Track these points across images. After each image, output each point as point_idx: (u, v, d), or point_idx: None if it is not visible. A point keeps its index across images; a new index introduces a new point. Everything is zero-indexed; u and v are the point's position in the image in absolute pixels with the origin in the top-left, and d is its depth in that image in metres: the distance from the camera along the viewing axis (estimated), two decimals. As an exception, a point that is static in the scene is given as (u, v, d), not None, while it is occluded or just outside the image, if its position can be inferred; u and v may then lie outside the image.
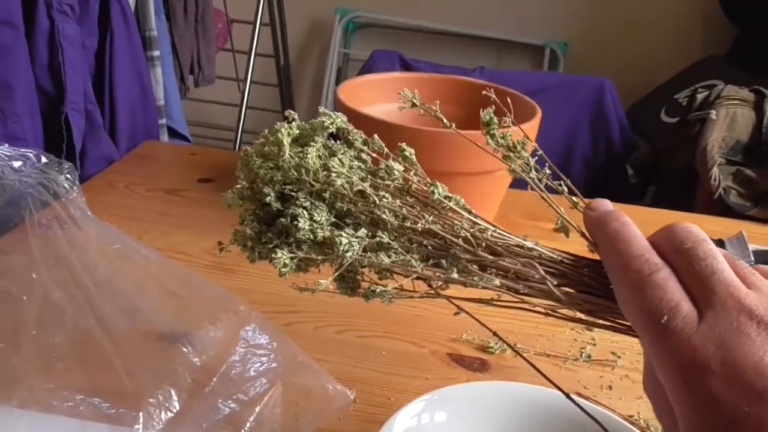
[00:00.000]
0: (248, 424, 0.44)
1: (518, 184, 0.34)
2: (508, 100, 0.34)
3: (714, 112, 1.05)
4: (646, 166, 1.51)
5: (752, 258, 0.77)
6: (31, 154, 0.52)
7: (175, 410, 0.45)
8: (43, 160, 0.53)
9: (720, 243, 0.82)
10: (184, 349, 0.48)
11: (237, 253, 0.80)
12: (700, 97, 1.12)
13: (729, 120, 1.04)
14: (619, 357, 0.62)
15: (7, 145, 0.51)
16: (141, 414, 0.43)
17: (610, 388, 0.58)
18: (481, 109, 0.34)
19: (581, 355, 0.62)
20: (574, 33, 2.26)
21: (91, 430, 0.44)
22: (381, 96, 0.82)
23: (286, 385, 0.47)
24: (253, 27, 1.88)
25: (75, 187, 0.53)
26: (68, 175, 0.53)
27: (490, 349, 0.61)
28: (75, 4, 0.88)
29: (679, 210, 0.96)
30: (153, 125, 1.10)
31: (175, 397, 0.45)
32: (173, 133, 1.22)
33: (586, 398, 0.56)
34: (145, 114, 1.06)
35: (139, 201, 0.85)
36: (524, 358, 0.36)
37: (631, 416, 0.54)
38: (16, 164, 0.51)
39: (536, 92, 1.06)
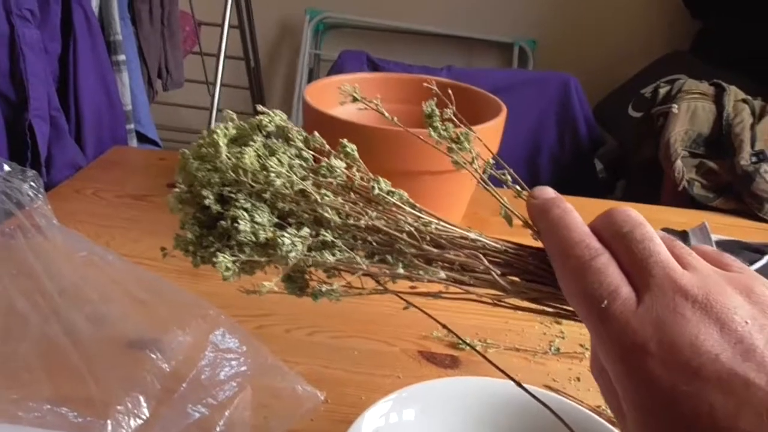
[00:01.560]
0: (218, 428, 0.44)
1: (495, 179, 0.34)
2: (466, 92, 0.34)
3: (676, 106, 1.07)
4: (614, 160, 1.54)
5: (714, 247, 0.78)
6: (-7, 163, 0.52)
7: (144, 417, 0.44)
8: (6, 168, 0.52)
9: (684, 234, 0.84)
10: (153, 356, 0.48)
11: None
12: (662, 91, 1.15)
13: (690, 113, 1.06)
14: (587, 349, 0.63)
15: (-32, 154, 0.51)
16: (109, 422, 0.43)
17: (578, 379, 0.59)
18: (423, 102, 0.33)
19: (550, 349, 0.63)
20: (542, 31, 2.29)
21: (59, 440, 0.43)
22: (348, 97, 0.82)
23: (255, 388, 0.47)
24: (221, 29, 1.87)
25: (40, 195, 0.52)
26: (32, 183, 0.53)
27: (460, 346, 0.62)
28: (35, 9, 0.87)
29: (647, 203, 0.98)
30: (120, 130, 1.09)
31: (144, 404, 0.45)
32: (142, 137, 1.21)
33: (555, 390, 0.57)
34: (112, 119, 1.05)
35: (107, 207, 0.84)
36: (471, 347, 0.37)
37: (599, 406, 0.56)
38: (-22, 173, 0.51)
39: (503, 90, 1.07)
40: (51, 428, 0.43)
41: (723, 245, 0.82)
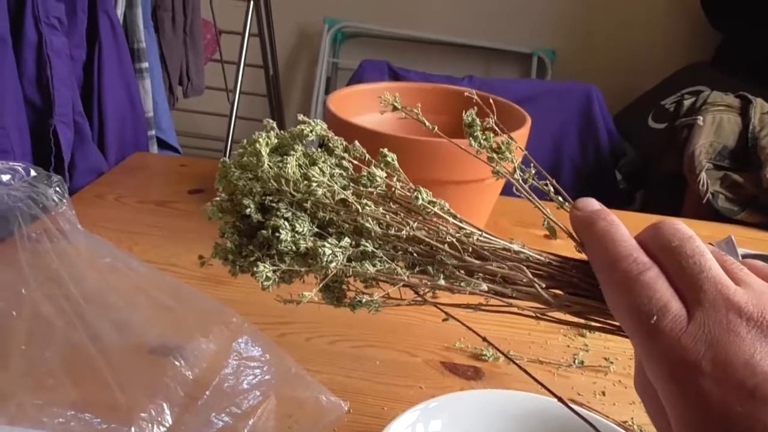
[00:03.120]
0: (242, 437, 0.44)
1: (508, 191, 0.33)
2: (491, 103, 0.34)
3: (701, 118, 1.06)
4: (634, 171, 1.52)
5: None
6: (19, 168, 0.52)
7: (167, 424, 0.44)
8: (32, 173, 0.53)
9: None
10: (176, 363, 0.48)
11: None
12: (687, 103, 1.13)
13: (716, 126, 1.05)
14: (611, 363, 0.62)
15: (-6, 159, 0.51)
16: (133, 429, 0.43)
17: (603, 393, 0.58)
18: (464, 111, 0.33)
19: (574, 362, 0.62)
20: (561, 41, 2.28)
21: (83, 446, 0.43)
22: (371, 106, 0.82)
23: (279, 397, 0.47)
24: (241, 37, 1.88)
25: (64, 200, 0.53)
26: (57, 188, 0.53)
27: (483, 357, 0.61)
28: (63, 16, 0.88)
29: (668, 215, 0.97)
30: (142, 137, 1.09)
31: (167, 411, 0.45)
32: (163, 144, 1.22)
33: (580, 404, 0.56)
34: (134, 125, 1.06)
35: (129, 213, 0.85)
36: (518, 366, 0.36)
37: (625, 422, 0.55)
38: (5, 178, 0.51)
39: (524, 100, 1.07)
40: (75, 434, 0.43)
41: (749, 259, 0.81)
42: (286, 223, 0.30)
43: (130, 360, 0.49)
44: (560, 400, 0.34)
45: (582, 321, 0.31)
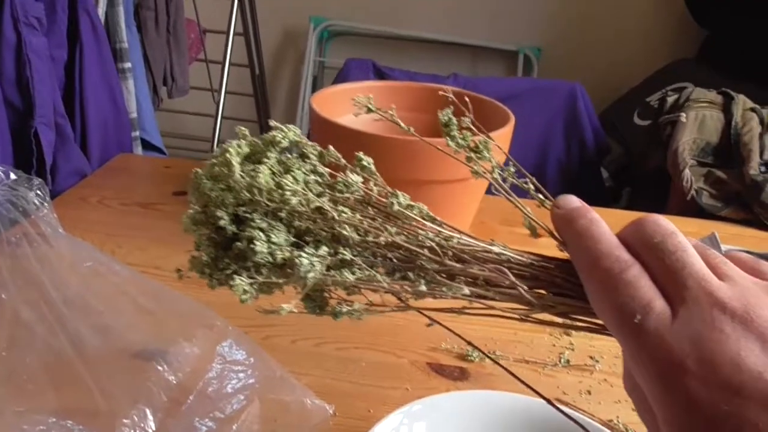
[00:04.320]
0: (226, 442, 0.44)
1: (495, 190, 0.33)
2: (468, 101, 0.33)
3: (684, 114, 1.06)
4: (620, 168, 1.53)
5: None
6: (-1, 171, 0.51)
7: (150, 430, 0.44)
8: (12, 176, 0.52)
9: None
10: (159, 367, 0.48)
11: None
12: (670, 100, 1.14)
13: (699, 122, 1.05)
14: (597, 361, 0.62)
15: (-26, 162, 0.50)
16: (115, 435, 0.42)
17: (589, 392, 0.58)
18: (439, 111, 0.33)
19: (560, 361, 0.62)
20: (547, 38, 2.29)
21: (64, 454, 0.43)
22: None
23: (263, 401, 0.47)
24: (226, 37, 1.87)
25: (45, 204, 0.52)
26: (38, 192, 0.52)
27: (469, 358, 0.61)
28: (42, 16, 0.87)
29: (653, 212, 0.97)
30: (126, 138, 1.08)
31: (150, 417, 0.44)
32: (147, 145, 1.21)
33: (566, 404, 0.56)
34: (118, 126, 1.05)
35: (112, 215, 0.84)
36: (503, 367, 0.36)
37: (611, 421, 0.55)
38: (-16, 181, 0.50)
39: (510, 98, 1.07)
40: (56, 442, 0.42)
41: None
42: (262, 233, 0.30)
43: (112, 365, 0.48)
44: (547, 401, 0.34)
45: (567, 321, 0.30)
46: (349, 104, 0.90)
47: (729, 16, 1.93)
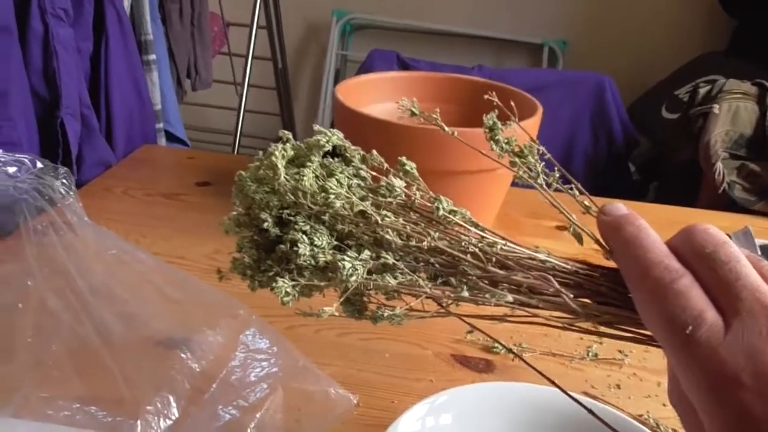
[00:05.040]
0: (249, 431, 0.43)
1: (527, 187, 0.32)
2: (512, 102, 0.33)
3: (717, 106, 1.04)
4: (648, 162, 1.50)
5: (759, 253, 0.76)
6: (26, 160, 0.51)
7: (173, 417, 0.44)
8: (39, 165, 0.52)
9: (725, 238, 0.81)
10: (183, 355, 0.47)
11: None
12: (702, 91, 1.11)
13: (732, 114, 1.03)
14: (626, 355, 0.61)
15: (1, 150, 0.50)
16: (139, 422, 0.42)
17: (618, 387, 0.57)
18: (484, 115, 0.32)
19: (588, 354, 0.60)
20: (572, 31, 2.25)
21: (88, 440, 0.43)
22: (380, 95, 0.81)
23: (287, 390, 0.46)
24: (249, 30, 1.88)
25: (71, 193, 0.52)
26: (64, 180, 0.52)
27: (494, 350, 0.60)
28: (69, 8, 0.87)
29: (683, 206, 0.95)
30: (150, 129, 1.09)
31: (173, 404, 0.44)
32: (171, 137, 1.21)
33: (594, 398, 0.55)
34: (142, 118, 1.06)
35: (136, 206, 0.84)
36: (525, 362, 0.35)
37: (641, 415, 0.53)
38: (11, 170, 0.51)
39: (536, 90, 1.05)
40: (81, 427, 0.43)
41: (767, 250, 0.79)
42: (305, 236, 0.30)
43: (136, 353, 0.48)
44: (566, 393, 0.33)
45: (611, 331, 0.30)
46: (373, 94, 0.90)
47: (759, 7, 1.88)
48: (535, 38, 2.26)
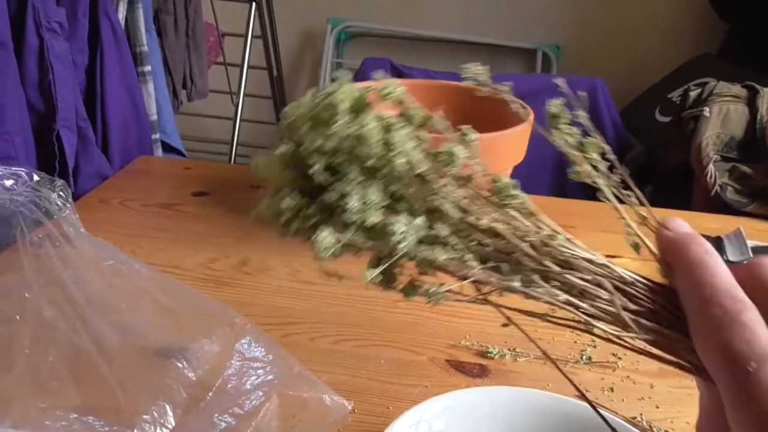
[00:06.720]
0: (245, 438, 0.44)
1: (524, 187, 0.30)
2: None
3: (707, 109, 1.05)
4: (641, 165, 1.51)
5: (751, 255, 0.76)
6: (22, 173, 0.52)
7: (170, 426, 0.44)
8: (35, 178, 0.52)
9: (718, 240, 0.82)
10: (179, 364, 0.48)
11: (232, 266, 0.78)
12: (693, 94, 1.12)
13: (723, 116, 1.03)
14: (619, 358, 0.61)
15: (-2, 164, 0.51)
16: (135, 431, 0.42)
17: (612, 390, 0.57)
18: (547, 101, 0.29)
19: (581, 358, 0.61)
20: (566, 36, 2.27)
21: (86, 450, 0.43)
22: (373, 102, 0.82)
23: (282, 397, 0.47)
24: (244, 40, 1.88)
25: (68, 205, 0.53)
26: (61, 193, 0.53)
27: (489, 355, 0.60)
28: (64, 21, 0.88)
29: (677, 209, 0.95)
30: (146, 140, 1.10)
31: (170, 413, 0.44)
32: (167, 147, 1.22)
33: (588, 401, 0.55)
34: (138, 129, 1.06)
35: (133, 216, 0.85)
36: (559, 369, 0.32)
37: (634, 418, 0.54)
38: (8, 183, 0.51)
39: (529, 95, 1.06)
40: (78, 437, 0.43)
41: (759, 251, 0.80)
42: (358, 189, 0.27)
43: (132, 362, 0.49)
44: (587, 401, 0.31)
45: (657, 353, 0.27)
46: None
47: (751, 9, 1.89)
48: (528, 43, 2.27)
